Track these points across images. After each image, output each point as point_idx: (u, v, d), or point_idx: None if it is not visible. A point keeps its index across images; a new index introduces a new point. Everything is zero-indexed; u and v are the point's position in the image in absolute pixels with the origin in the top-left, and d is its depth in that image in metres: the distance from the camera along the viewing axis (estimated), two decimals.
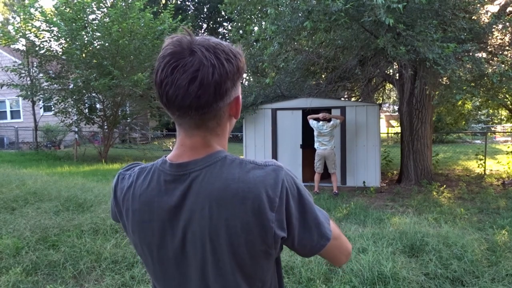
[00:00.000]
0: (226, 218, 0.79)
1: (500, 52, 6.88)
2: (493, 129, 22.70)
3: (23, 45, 13.65)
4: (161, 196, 0.85)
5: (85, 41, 12.26)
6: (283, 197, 0.80)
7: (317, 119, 7.51)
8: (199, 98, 0.78)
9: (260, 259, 0.83)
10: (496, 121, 22.83)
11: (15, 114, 19.20)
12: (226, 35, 25.85)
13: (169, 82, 0.77)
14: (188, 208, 0.82)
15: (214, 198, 0.80)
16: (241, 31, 10.66)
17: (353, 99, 12.20)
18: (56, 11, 12.30)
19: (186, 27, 0.85)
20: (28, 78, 13.22)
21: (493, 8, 7.45)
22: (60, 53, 12.90)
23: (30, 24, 12.53)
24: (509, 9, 7.56)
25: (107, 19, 12.63)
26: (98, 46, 12.72)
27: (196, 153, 0.85)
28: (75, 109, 13.49)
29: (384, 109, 22.57)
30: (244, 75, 13.12)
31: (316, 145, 7.60)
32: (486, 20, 6.68)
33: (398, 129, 11.82)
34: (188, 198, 0.82)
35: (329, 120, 7.50)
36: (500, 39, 7.12)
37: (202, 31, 28.18)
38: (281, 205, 0.80)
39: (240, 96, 0.89)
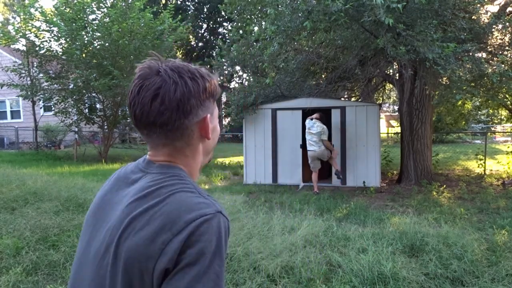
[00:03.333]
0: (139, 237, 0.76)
1: (500, 52, 6.88)
2: (493, 129, 22.71)
3: (23, 45, 13.66)
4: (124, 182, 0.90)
5: (85, 41, 12.26)
6: (193, 234, 0.74)
7: (311, 118, 7.60)
8: (162, 114, 0.80)
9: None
10: (496, 121, 22.84)
11: (15, 114, 19.21)
12: (226, 35, 25.83)
13: (136, 102, 0.81)
14: (120, 204, 0.84)
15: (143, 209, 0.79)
16: (241, 31, 10.66)
17: (353, 99, 12.20)
18: (56, 11, 12.31)
19: (155, 52, 0.87)
20: (28, 78, 13.22)
21: (493, 8, 7.46)
22: (60, 53, 12.91)
23: (30, 24, 12.53)
24: (509, 9, 7.56)
25: (107, 19, 12.63)
26: (98, 46, 12.72)
27: (161, 158, 0.87)
28: (75, 109, 13.49)
29: (384, 109, 22.58)
30: (244, 75, 12.93)
31: (307, 144, 7.66)
32: (486, 20, 6.68)
33: (398, 129, 11.82)
34: (128, 195, 0.84)
35: (322, 122, 7.56)
36: (500, 39, 7.11)
37: (202, 31, 28.19)
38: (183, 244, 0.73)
39: (210, 117, 0.87)
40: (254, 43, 9.84)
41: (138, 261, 0.74)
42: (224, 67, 11.92)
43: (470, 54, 6.00)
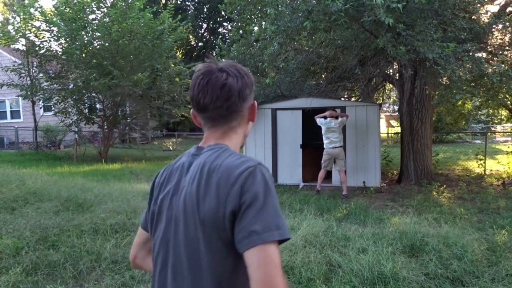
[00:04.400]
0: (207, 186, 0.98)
1: (500, 52, 6.88)
2: (493, 129, 22.69)
3: (23, 45, 13.67)
4: (181, 167, 1.08)
5: (85, 41, 12.26)
6: (245, 183, 0.93)
7: (324, 117, 7.41)
8: (228, 99, 1.04)
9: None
10: (496, 121, 22.80)
11: (15, 114, 19.21)
12: (226, 35, 25.80)
13: (206, 91, 1.04)
14: (189, 174, 1.03)
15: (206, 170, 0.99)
16: (241, 31, 10.66)
17: (353, 99, 12.20)
18: (56, 11, 12.32)
19: (213, 56, 1.12)
20: (28, 78, 13.23)
21: (493, 8, 7.45)
22: (60, 53, 12.92)
23: (30, 24, 12.55)
24: (509, 9, 7.56)
25: (107, 19, 12.65)
26: (98, 46, 12.74)
27: (212, 141, 1.08)
28: (75, 109, 13.50)
29: (384, 109, 22.56)
30: None
31: (325, 143, 7.41)
32: (486, 20, 6.68)
33: (398, 129, 11.82)
34: (192, 167, 1.05)
35: (336, 117, 7.42)
36: (500, 39, 7.11)
37: (202, 31, 28.17)
38: (239, 188, 0.93)
39: (256, 104, 1.14)
40: (254, 43, 9.84)
41: (211, 215, 0.93)
42: None
43: (470, 54, 5.99)
